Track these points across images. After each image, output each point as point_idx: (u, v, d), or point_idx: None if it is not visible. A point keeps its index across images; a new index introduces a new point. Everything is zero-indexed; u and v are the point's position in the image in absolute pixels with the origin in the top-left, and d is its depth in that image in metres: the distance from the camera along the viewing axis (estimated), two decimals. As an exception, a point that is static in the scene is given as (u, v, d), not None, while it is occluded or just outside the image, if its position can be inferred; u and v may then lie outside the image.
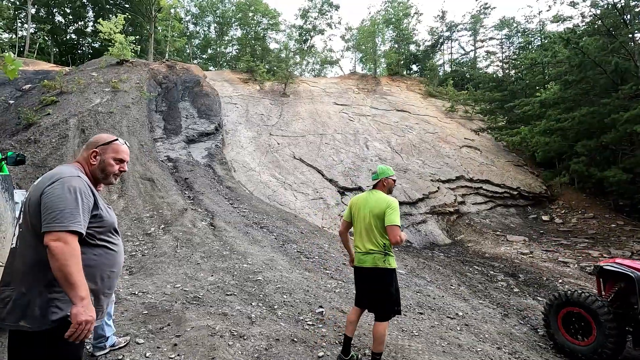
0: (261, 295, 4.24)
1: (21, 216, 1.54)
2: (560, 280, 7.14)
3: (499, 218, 13.00)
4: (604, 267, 3.98)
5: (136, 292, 3.99)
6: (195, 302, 3.83)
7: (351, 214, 3.05)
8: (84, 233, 1.45)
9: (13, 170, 7.86)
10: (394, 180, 3.07)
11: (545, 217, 13.00)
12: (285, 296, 4.30)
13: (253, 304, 3.99)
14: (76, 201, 1.44)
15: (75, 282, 1.34)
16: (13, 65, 3.56)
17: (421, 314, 4.48)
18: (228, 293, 4.19)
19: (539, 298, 6.09)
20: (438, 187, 13.38)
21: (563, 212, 13.21)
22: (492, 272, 7.61)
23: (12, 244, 1.51)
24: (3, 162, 2.88)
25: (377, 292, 2.82)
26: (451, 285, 6.21)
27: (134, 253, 5.66)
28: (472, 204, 13.49)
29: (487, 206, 13.61)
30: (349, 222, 3.10)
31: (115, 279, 1.66)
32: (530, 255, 9.21)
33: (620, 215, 12.05)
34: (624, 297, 3.85)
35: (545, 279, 7.25)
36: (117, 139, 1.75)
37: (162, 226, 7.06)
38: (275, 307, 3.97)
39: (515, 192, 14.15)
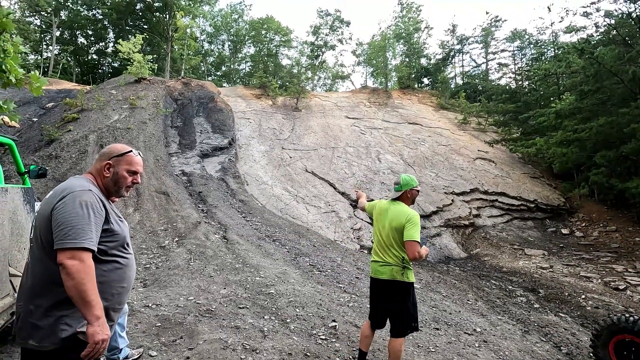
0: (274, 309, 4.20)
1: (32, 231, 1.52)
2: (583, 296, 6.85)
3: (516, 231, 12.66)
4: None
5: (150, 305, 4.01)
6: (208, 315, 3.82)
7: (371, 212, 3.08)
8: (96, 250, 1.42)
9: (35, 184, 8.12)
10: (418, 191, 2.95)
11: (564, 230, 12.59)
12: (298, 310, 4.25)
13: (265, 317, 3.96)
14: (88, 217, 1.41)
15: (91, 300, 1.32)
16: (38, 83, 3.72)
17: (437, 329, 4.35)
18: (240, 306, 4.17)
19: (561, 314, 5.84)
20: (452, 200, 13.18)
21: (583, 225, 12.78)
22: (510, 287, 7.36)
23: (26, 258, 1.51)
24: (26, 176, 2.99)
25: (393, 306, 2.72)
26: (468, 300, 6.03)
27: (149, 265, 5.72)
28: (488, 217, 13.20)
29: (503, 219, 13.30)
30: (368, 209, 3.18)
31: (126, 294, 1.63)
32: (551, 270, 8.90)
33: (645, 228, 11.58)
34: None
35: (567, 294, 6.97)
36: (131, 150, 1.70)
37: (176, 239, 7.13)
38: (288, 320, 3.92)
39: (533, 205, 13.80)
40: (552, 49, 23.83)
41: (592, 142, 12.00)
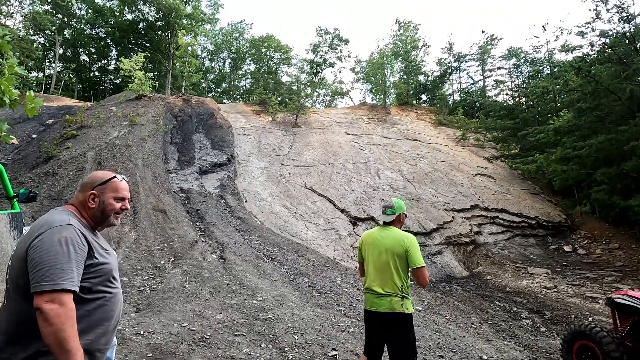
0: (271, 336, 4.03)
1: (7, 271, 1.38)
2: (590, 318, 6.65)
3: (518, 249, 12.49)
4: (615, 299, 3.88)
5: (142, 332, 3.84)
6: (202, 344, 3.65)
7: (362, 254, 2.81)
8: (78, 289, 1.30)
9: (28, 205, 8.00)
10: (406, 215, 2.91)
11: (567, 248, 12.42)
12: (296, 337, 4.08)
13: (262, 345, 3.79)
14: (68, 254, 1.29)
15: (70, 349, 1.20)
16: (33, 103, 3.67)
17: (442, 357, 4.17)
18: (237, 333, 4.00)
19: (568, 339, 5.64)
20: (452, 217, 13.05)
21: (586, 242, 12.62)
22: (515, 309, 7.17)
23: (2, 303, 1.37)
24: (15, 200, 2.89)
25: (392, 340, 2.55)
26: (472, 324, 5.84)
27: (143, 288, 5.55)
28: (489, 234, 13.04)
29: (504, 236, 13.13)
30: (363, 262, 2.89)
31: (112, 332, 1.50)
32: (555, 290, 8.70)
33: (649, 245, 11.42)
34: (637, 331, 3.74)
35: (573, 316, 6.78)
36: (114, 176, 1.59)
37: (172, 259, 6.97)
38: (286, 349, 3.75)
39: (534, 222, 13.67)
40: (548, 67, 24.18)
41: (592, 159, 11.98)
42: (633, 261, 10.69)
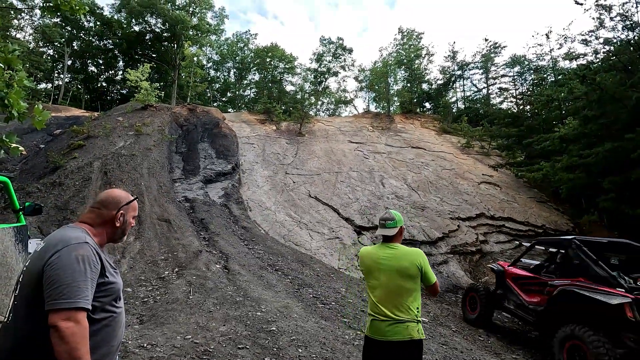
0: (275, 349, 3.98)
1: (17, 287, 1.38)
2: (601, 331, 6.49)
3: (525, 258, 12.30)
4: (490, 265, 7.27)
5: (145, 345, 3.81)
6: (206, 357, 3.61)
7: (361, 267, 2.53)
8: (90, 308, 1.31)
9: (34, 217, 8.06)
10: (404, 228, 2.66)
11: (575, 257, 12.22)
12: (300, 350, 4.03)
13: (266, 359, 3.74)
14: (85, 272, 1.30)
15: None
16: (41, 116, 3.72)
17: (449, 371, 4.09)
18: (240, 346, 3.96)
19: (579, 352, 5.51)
20: (458, 225, 12.93)
21: (595, 251, 12.41)
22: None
23: (3, 316, 1.37)
24: (20, 213, 2.91)
25: None
26: (479, 336, 5.73)
27: (146, 299, 5.53)
28: (495, 243, 12.88)
29: (511, 245, 12.96)
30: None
31: (115, 353, 1.49)
32: (564, 301, 8.53)
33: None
34: (500, 283, 6.35)
35: (583, 328, 6.62)
36: (136, 197, 1.71)
37: (176, 269, 6.96)
38: (290, 363, 3.70)
39: (541, 230, 13.49)
40: (553, 75, 24.14)
41: (598, 168, 11.84)
42: (644, 271, 10.48)
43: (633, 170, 10.65)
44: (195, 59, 28.88)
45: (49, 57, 29.61)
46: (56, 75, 31.00)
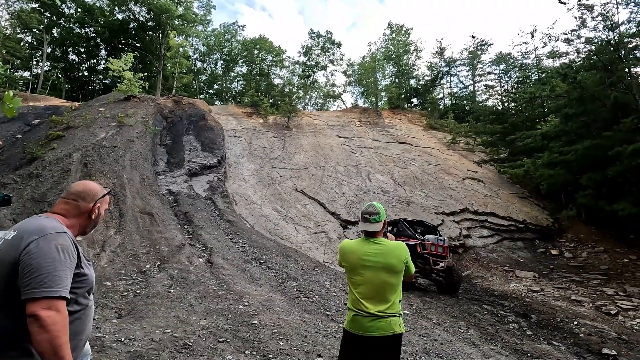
0: (256, 342, 3.97)
1: None
2: (575, 322, 6.72)
3: (507, 252, 12.62)
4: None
5: (122, 339, 3.74)
6: (185, 351, 3.57)
7: (344, 267, 2.41)
8: (69, 298, 1.28)
9: (9, 207, 7.79)
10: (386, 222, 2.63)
11: (554, 251, 12.59)
12: (281, 343, 4.03)
13: (247, 352, 3.72)
14: (64, 262, 1.28)
15: (64, 356, 1.19)
16: (12, 104, 3.57)
17: (428, 362, 4.16)
18: (220, 339, 3.93)
19: (554, 342, 5.69)
20: (442, 220, 13.13)
21: (572, 245, 12.81)
22: (502, 312, 7.21)
23: None
24: (-12, 204, 2.79)
25: None
26: (459, 328, 5.84)
27: (126, 293, 5.43)
28: (478, 238, 13.16)
29: (493, 240, 13.26)
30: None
31: (82, 348, 1.47)
32: (542, 293, 8.80)
33: (633, 249, 11.64)
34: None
35: (559, 320, 6.84)
36: (110, 191, 1.71)
37: (158, 263, 6.85)
38: (271, 356, 3.70)
39: (522, 225, 13.83)
40: (537, 73, 24.60)
41: (578, 164, 12.18)
42: (618, 264, 10.87)
43: (610, 167, 10.98)
44: (181, 49, 28.26)
45: (27, 44, 28.46)
46: (35, 63, 29.87)
